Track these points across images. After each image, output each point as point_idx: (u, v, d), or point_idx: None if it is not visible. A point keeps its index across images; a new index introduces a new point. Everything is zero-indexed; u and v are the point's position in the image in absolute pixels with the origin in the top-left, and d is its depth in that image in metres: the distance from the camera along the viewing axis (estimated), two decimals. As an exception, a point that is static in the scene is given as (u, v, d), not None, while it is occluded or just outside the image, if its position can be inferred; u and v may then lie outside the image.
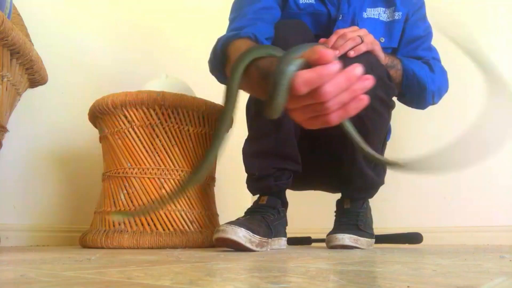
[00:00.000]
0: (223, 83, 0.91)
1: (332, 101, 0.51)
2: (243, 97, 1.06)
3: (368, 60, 0.95)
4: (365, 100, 0.53)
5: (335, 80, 0.49)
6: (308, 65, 0.51)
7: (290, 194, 1.11)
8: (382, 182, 1.11)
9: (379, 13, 1.10)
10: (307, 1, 1.08)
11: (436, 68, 1.10)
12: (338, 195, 1.16)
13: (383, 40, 1.10)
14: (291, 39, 0.94)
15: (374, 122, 0.98)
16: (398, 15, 1.10)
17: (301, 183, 1.18)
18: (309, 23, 1.07)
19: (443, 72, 1.13)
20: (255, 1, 1.00)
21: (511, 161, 1.52)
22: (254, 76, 0.62)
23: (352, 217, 1.08)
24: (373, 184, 1.09)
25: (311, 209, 1.68)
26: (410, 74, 1.05)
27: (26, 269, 0.46)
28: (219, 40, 0.90)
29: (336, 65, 0.49)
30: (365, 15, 1.09)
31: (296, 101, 0.51)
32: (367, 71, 0.92)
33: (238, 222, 0.88)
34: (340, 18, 1.08)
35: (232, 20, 1.00)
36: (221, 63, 0.89)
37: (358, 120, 0.95)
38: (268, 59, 0.61)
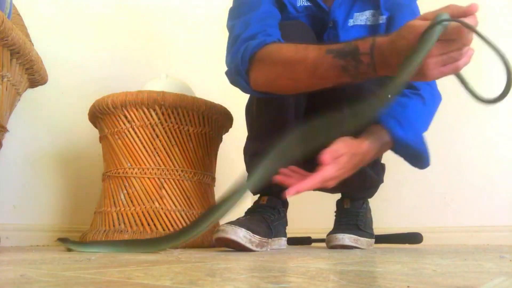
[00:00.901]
0: (247, 92, 0.93)
1: (466, 48, 0.67)
2: (243, 98, 1.06)
3: None
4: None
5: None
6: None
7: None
8: (381, 181, 1.12)
9: (366, 17, 1.03)
10: (304, 4, 1.05)
11: (428, 97, 0.96)
12: (338, 195, 1.16)
13: None
14: (291, 40, 0.94)
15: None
16: (382, 19, 1.02)
17: None
18: (308, 25, 1.06)
19: (434, 97, 0.99)
20: (255, 7, 0.96)
21: (511, 161, 1.52)
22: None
23: (352, 217, 1.08)
24: (372, 183, 1.09)
25: (311, 209, 1.68)
26: (402, 145, 0.91)
27: (26, 269, 0.46)
28: (237, 52, 0.87)
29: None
30: (351, 22, 1.03)
31: (440, 49, 0.66)
32: None
33: (238, 222, 0.88)
34: (330, 25, 1.03)
35: (231, 27, 0.96)
36: (246, 72, 0.87)
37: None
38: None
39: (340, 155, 0.82)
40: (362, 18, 1.03)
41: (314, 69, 0.77)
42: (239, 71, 0.86)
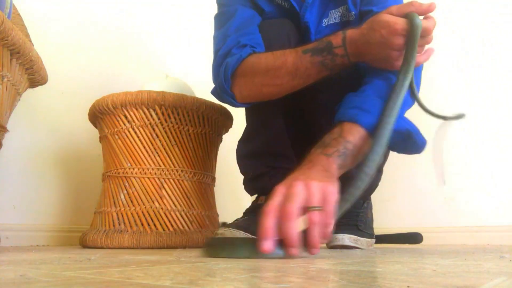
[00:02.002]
0: (235, 106, 0.96)
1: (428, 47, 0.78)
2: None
3: None
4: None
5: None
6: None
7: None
8: (378, 180, 1.11)
9: (341, 13, 0.99)
10: (282, 3, 1.01)
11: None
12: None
13: None
14: (273, 39, 0.94)
15: None
16: (351, 16, 0.98)
17: None
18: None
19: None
20: (231, 15, 0.98)
21: (511, 161, 1.52)
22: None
23: (352, 218, 1.08)
24: (370, 186, 1.09)
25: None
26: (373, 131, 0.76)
27: (26, 269, 0.46)
28: (218, 73, 0.89)
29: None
30: (325, 22, 0.99)
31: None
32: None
33: (236, 225, 0.88)
34: (303, 28, 0.99)
35: (214, 39, 0.98)
36: (230, 90, 0.90)
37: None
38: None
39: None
40: (336, 15, 1.00)
41: (295, 70, 0.81)
42: (224, 90, 0.89)
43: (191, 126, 1.18)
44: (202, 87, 1.33)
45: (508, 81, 1.57)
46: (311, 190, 0.60)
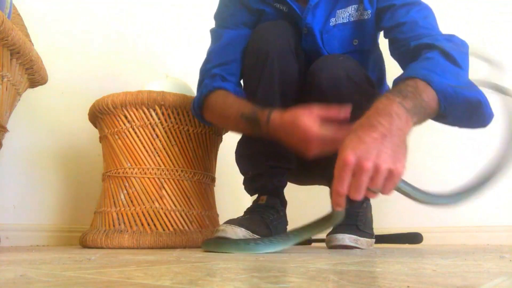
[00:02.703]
0: (207, 124, 1.15)
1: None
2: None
3: (344, 66, 0.94)
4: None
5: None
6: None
7: (289, 193, 1.11)
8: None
9: (349, 13, 1.00)
10: (280, 7, 1.03)
11: (458, 55, 0.79)
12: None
13: (356, 42, 1.01)
14: (271, 42, 0.95)
15: None
16: (367, 14, 0.99)
17: (303, 178, 1.19)
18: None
19: (463, 52, 0.83)
20: (218, 39, 1.07)
21: (511, 161, 1.52)
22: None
23: (352, 218, 1.07)
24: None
25: (311, 209, 1.67)
26: (443, 92, 0.73)
27: (26, 269, 0.46)
28: (195, 98, 1.05)
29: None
30: (333, 21, 1.00)
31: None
32: (343, 78, 0.93)
33: (237, 222, 0.88)
34: (305, 31, 1.01)
35: (207, 53, 1.08)
36: (201, 113, 1.05)
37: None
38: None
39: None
40: (344, 15, 1.01)
41: (236, 124, 0.95)
42: (197, 113, 1.06)
43: (191, 126, 1.18)
44: (202, 87, 1.33)
45: (508, 81, 1.57)
46: (379, 174, 0.62)
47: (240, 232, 0.85)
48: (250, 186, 1.05)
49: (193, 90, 1.31)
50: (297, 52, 1.00)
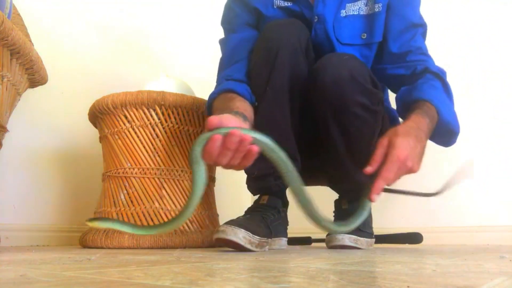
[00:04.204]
0: None
1: (231, 161, 0.69)
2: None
3: (348, 66, 0.95)
4: (254, 150, 0.69)
5: (221, 153, 0.67)
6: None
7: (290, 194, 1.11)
8: (371, 182, 1.11)
9: (359, 7, 1.04)
10: (283, 4, 1.06)
11: (448, 85, 1.00)
12: (336, 195, 1.16)
13: (365, 36, 1.05)
14: (281, 41, 0.95)
15: (357, 129, 0.97)
16: (378, 7, 1.03)
17: (305, 179, 1.19)
18: None
19: (442, 72, 1.02)
20: (225, 45, 1.08)
21: (511, 161, 1.52)
22: None
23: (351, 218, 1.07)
24: (362, 185, 1.09)
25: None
26: (442, 122, 0.94)
27: (26, 269, 0.46)
28: (209, 99, 1.02)
29: (216, 142, 0.66)
30: (343, 13, 1.04)
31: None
32: (347, 78, 0.94)
33: (237, 223, 0.88)
34: (315, 20, 1.04)
35: (219, 62, 1.08)
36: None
37: (341, 127, 0.96)
38: None
39: (390, 140, 0.81)
40: (354, 8, 1.05)
41: None
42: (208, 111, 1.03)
43: (191, 126, 1.18)
44: (202, 87, 1.33)
45: (507, 81, 1.57)
46: (410, 170, 0.83)
47: (240, 233, 0.84)
48: (254, 186, 1.05)
49: (193, 90, 1.31)
50: (307, 51, 1.00)
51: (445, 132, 0.96)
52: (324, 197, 1.31)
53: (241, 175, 1.07)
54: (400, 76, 1.04)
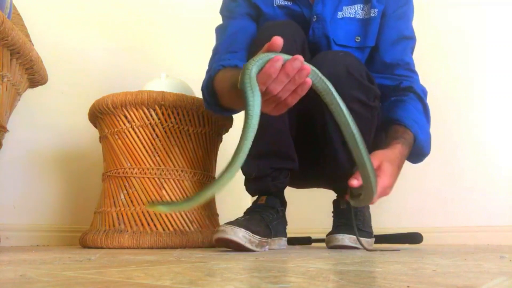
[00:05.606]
0: (220, 114, 1.12)
1: (281, 92, 0.66)
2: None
3: (344, 62, 0.95)
4: (308, 83, 0.66)
5: (277, 78, 0.64)
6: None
7: (289, 194, 1.11)
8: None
9: (355, 10, 1.06)
10: (283, 3, 1.06)
11: (427, 107, 1.06)
12: (335, 195, 1.16)
13: (359, 39, 1.06)
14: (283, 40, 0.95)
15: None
16: (374, 12, 1.05)
17: (301, 181, 1.19)
18: None
19: (424, 92, 1.08)
20: (224, 31, 1.06)
21: (511, 161, 1.52)
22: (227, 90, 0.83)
23: (350, 218, 1.07)
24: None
25: (311, 209, 1.68)
26: (416, 146, 1.00)
27: (26, 269, 0.46)
28: (204, 80, 1.00)
29: (277, 63, 0.63)
30: (340, 14, 1.06)
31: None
32: (343, 74, 0.94)
33: (237, 222, 0.88)
34: (314, 19, 1.05)
35: (213, 49, 1.07)
36: (214, 100, 0.98)
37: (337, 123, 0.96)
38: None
39: (381, 165, 0.86)
40: (351, 11, 1.06)
41: (231, 99, 0.87)
42: (208, 101, 1.00)
43: (191, 126, 1.18)
44: (202, 87, 1.32)
45: (507, 81, 1.57)
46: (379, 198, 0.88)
47: (240, 233, 0.85)
48: (252, 187, 1.05)
49: (193, 90, 1.31)
50: (302, 52, 1.00)
51: (416, 154, 1.03)
52: (324, 197, 1.32)
53: (241, 175, 1.08)
54: (385, 86, 1.07)
